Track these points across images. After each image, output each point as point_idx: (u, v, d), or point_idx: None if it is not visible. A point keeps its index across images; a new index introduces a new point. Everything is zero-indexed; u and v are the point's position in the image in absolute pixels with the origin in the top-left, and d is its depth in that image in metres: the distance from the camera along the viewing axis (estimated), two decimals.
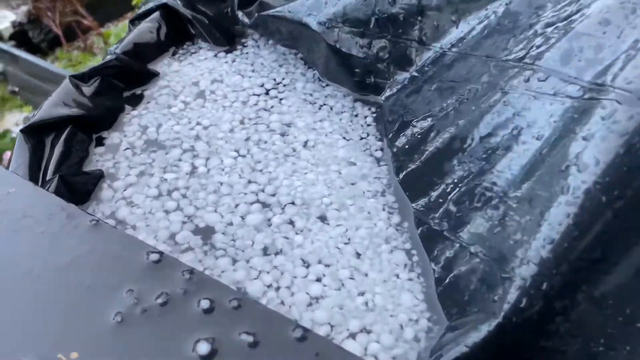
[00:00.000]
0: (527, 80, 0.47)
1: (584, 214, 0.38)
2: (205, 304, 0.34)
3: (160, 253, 0.37)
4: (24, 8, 2.99)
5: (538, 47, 0.48)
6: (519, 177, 0.44)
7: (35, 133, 0.55)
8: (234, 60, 0.72)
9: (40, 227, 0.39)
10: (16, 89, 2.79)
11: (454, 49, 0.58)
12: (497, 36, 0.53)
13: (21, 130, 0.54)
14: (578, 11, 0.46)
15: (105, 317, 0.34)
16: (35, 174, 0.51)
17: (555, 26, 0.47)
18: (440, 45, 0.59)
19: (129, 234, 0.39)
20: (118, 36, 2.69)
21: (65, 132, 0.56)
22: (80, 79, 0.62)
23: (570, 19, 0.46)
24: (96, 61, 2.71)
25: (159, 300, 0.35)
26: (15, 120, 2.64)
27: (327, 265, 0.47)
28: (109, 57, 0.66)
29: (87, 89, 0.62)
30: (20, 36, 2.83)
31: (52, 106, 0.57)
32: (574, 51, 0.44)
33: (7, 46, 2.65)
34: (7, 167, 0.52)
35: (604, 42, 0.43)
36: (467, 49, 0.56)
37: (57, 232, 0.38)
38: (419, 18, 0.60)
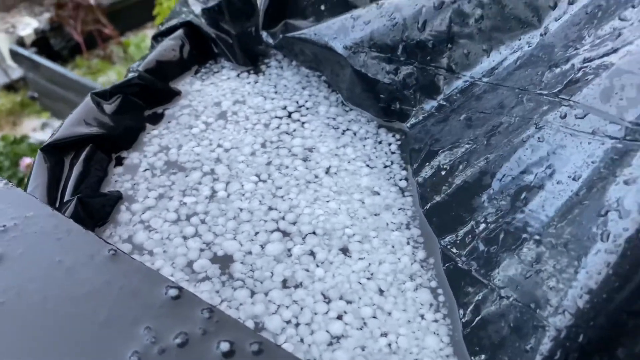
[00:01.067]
0: (564, 117, 0.45)
1: (626, 264, 0.36)
2: (225, 346, 0.33)
3: (180, 288, 0.36)
4: (46, 15, 3.04)
5: (575, 82, 0.46)
6: (554, 218, 0.42)
7: (56, 152, 0.54)
8: (256, 82, 0.71)
9: (57, 256, 0.37)
10: (36, 95, 2.82)
11: (484, 79, 0.56)
12: (531, 68, 0.52)
13: (41, 149, 0.53)
14: (621, 47, 0.44)
15: (122, 356, 0.32)
16: (53, 195, 0.50)
17: (594, 61, 0.46)
18: (471, 75, 0.57)
19: (147, 267, 0.38)
20: (137, 46, 2.72)
21: (85, 152, 0.55)
22: (102, 96, 0.61)
23: (611, 55, 0.45)
24: (115, 70, 2.74)
25: (178, 340, 0.33)
26: (33, 126, 2.67)
27: (349, 302, 0.46)
28: (131, 75, 0.65)
29: (109, 107, 0.61)
30: (41, 43, 2.87)
31: (73, 124, 0.57)
32: (614, 89, 0.43)
33: (29, 52, 2.68)
34: (26, 185, 0.51)
35: None
36: (498, 79, 0.54)
37: (74, 261, 0.37)
38: (449, 46, 0.59)
